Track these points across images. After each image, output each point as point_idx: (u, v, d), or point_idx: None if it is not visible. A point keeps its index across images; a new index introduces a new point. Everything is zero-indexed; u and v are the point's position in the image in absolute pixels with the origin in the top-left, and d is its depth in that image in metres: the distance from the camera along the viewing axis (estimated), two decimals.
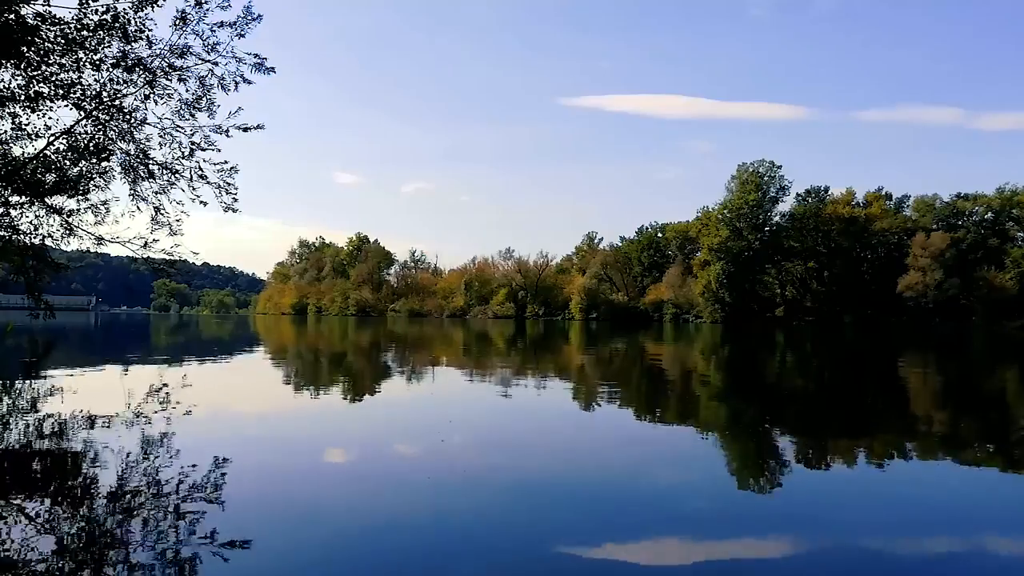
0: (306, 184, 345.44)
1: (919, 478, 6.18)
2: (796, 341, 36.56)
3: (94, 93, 10.84)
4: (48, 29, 10.07)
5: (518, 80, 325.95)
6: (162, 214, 11.95)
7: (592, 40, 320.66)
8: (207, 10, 10.84)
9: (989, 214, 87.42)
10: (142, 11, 10.43)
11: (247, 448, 6.98)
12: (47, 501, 4.87)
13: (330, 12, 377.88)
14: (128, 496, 4.99)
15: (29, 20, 9.90)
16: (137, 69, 10.87)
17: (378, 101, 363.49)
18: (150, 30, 10.66)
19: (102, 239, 11.97)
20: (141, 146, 11.63)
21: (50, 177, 11.32)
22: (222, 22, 10.92)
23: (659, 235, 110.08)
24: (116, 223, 12.01)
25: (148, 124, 11.49)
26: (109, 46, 10.58)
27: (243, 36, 11.02)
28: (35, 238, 11.78)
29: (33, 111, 10.65)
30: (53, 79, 10.45)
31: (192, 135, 11.55)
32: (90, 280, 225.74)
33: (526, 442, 7.69)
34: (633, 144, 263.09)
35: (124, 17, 10.36)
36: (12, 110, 10.60)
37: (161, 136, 11.56)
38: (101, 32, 10.35)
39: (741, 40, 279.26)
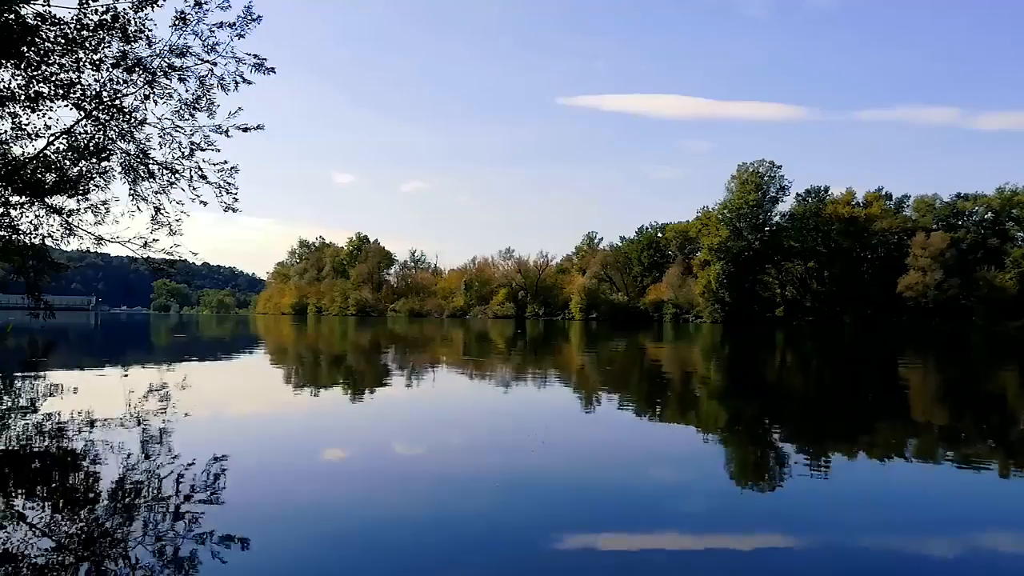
0: (305, 184, 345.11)
1: (919, 478, 6.18)
2: (796, 341, 36.55)
3: (94, 93, 10.84)
4: (48, 29, 10.06)
5: (517, 80, 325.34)
6: (162, 214, 11.95)
7: (589, 39, 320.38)
8: (207, 10, 10.84)
9: (989, 214, 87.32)
10: (142, 11, 10.42)
11: (247, 448, 6.99)
12: (47, 500, 4.87)
13: (330, 12, 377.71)
14: (128, 495, 4.99)
15: (29, 20, 9.89)
16: (137, 69, 10.87)
17: (376, 101, 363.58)
18: (150, 30, 10.65)
19: (102, 239, 11.97)
20: (141, 146, 11.63)
21: (50, 177, 11.31)
22: (222, 22, 10.92)
23: (659, 235, 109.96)
24: (116, 223, 12.02)
25: (148, 124, 11.49)
26: (109, 46, 10.58)
27: (243, 36, 11.02)
28: (35, 238, 11.78)
29: (33, 111, 10.64)
30: (53, 79, 10.45)
31: (192, 135, 11.56)
32: (90, 280, 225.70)
33: (526, 441, 7.68)
34: (632, 144, 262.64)
35: (124, 17, 10.35)
36: (12, 110, 10.60)
37: (161, 136, 11.56)
38: (101, 32, 10.34)
39: (739, 40, 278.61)
